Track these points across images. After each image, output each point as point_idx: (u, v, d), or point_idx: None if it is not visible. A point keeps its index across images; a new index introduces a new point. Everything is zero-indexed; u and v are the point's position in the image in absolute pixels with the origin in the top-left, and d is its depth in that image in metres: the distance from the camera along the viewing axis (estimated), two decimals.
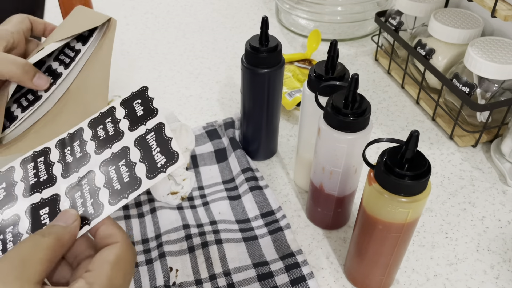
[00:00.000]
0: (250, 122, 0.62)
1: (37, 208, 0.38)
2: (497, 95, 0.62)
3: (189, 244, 0.53)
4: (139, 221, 0.56)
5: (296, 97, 0.70)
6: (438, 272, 0.52)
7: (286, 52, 0.86)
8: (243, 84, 0.59)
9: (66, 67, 0.49)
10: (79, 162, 0.40)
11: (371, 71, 0.82)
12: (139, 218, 0.57)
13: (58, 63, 0.50)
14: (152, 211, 0.57)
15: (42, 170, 0.41)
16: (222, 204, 0.58)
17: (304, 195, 0.60)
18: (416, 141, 0.38)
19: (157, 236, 0.54)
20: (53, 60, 0.50)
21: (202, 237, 0.53)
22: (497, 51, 0.61)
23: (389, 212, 0.40)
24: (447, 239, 0.55)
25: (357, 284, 0.50)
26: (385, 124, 0.71)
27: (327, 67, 0.51)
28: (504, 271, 0.52)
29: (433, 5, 0.72)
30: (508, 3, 0.58)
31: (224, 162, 0.63)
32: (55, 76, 0.49)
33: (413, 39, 0.73)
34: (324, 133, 0.47)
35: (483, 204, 0.59)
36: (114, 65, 0.82)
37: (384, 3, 0.91)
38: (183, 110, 0.73)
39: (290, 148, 0.67)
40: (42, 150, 0.42)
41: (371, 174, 0.41)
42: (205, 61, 0.84)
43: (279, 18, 0.95)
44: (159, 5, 1.00)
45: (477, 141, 0.67)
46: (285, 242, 0.53)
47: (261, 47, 0.54)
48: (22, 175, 0.40)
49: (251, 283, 0.49)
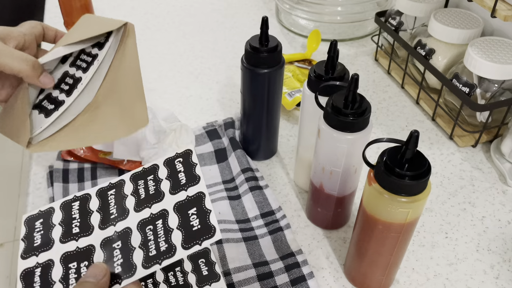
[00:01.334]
0: (250, 122, 0.62)
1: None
2: (497, 95, 0.62)
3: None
4: None
5: (296, 97, 0.70)
6: (438, 272, 0.52)
7: (286, 52, 0.86)
8: (243, 84, 0.59)
9: (85, 71, 0.50)
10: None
11: (371, 71, 0.82)
12: None
13: (75, 68, 0.50)
14: None
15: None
16: (222, 204, 0.58)
17: (304, 195, 0.60)
18: (416, 141, 0.38)
19: None
20: (70, 66, 0.51)
21: None
22: (497, 51, 0.61)
23: (389, 212, 0.40)
24: (447, 239, 0.55)
25: (357, 284, 0.50)
26: (385, 124, 0.71)
27: (327, 67, 0.51)
28: (504, 271, 0.52)
29: (433, 5, 0.72)
30: (508, 3, 0.58)
31: (224, 162, 0.64)
32: (75, 81, 0.50)
33: (413, 39, 0.73)
34: (324, 133, 0.47)
35: (483, 204, 0.59)
36: None
37: (384, 3, 0.91)
38: (183, 110, 0.73)
39: (290, 148, 0.67)
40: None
41: (371, 174, 0.41)
42: (205, 61, 0.84)
43: (279, 18, 0.95)
44: (159, 5, 1.00)
45: (477, 141, 0.67)
46: (285, 242, 0.53)
47: (261, 47, 0.54)
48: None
49: (251, 283, 0.49)
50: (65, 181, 0.60)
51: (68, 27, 0.70)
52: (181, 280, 0.44)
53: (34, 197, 0.59)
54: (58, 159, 0.62)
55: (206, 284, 0.44)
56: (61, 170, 0.61)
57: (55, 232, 0.41)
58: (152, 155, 0.60)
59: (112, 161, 0.62)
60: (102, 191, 0.43)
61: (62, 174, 0.61)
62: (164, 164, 0.42)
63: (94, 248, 0.39)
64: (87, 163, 0.62)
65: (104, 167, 0.62)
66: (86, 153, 0.63)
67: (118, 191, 0.42)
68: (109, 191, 0.42)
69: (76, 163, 0.62)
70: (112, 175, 0.61)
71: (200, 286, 0.44)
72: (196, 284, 0.44)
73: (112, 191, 0.42)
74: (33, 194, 0.60)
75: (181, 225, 0.38)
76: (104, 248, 0.39)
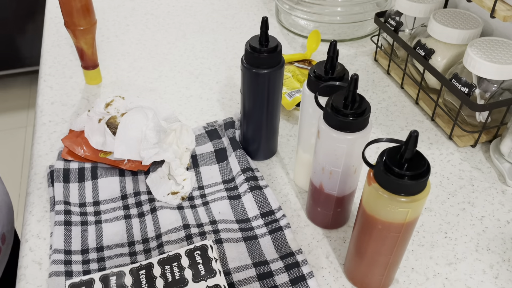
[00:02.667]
0: (250, 122, 0.62)
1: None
2: (496, 95, 0.62)
3: (189, 244, 0.53)
4: (139, 221, 0.57)
5: (296, 97, 0.70)
6: (438, 272, 0.52)
7: (286, 52, 0.86)
8: (243, 85, 0.59)
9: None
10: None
11: (370, 71, 0.82)
12: (139, 217, 0.57)
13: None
14: (153, 211, 0.57)
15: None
16: (222, 204, 0.58)
17: (303, 195, 0.61)
18: (415, 141, 0.38)
19: (157, 236, 0.54)
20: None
21: (202, 237, 0.54)
22: (496, 52, 0.61)
23: (389, 212, 0.41)
24: (447, 239, 0.55)
25: (357, 283, 0.50)
26: (384, 124, 0.71)
27: (326, 68, 0.51)
28: (503, 271, 0.52)
29: (433, 5, 0.72)
30: (507, 3, 0.58)
31: (224, 162, 0.64)
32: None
33: (413, 40, 0.73)
34: (324, 133, 0.47)
35: (482, 204, 0.59)
36: (115, 66, 0.82)
37: (384, 4, 0.91)
38: (184, 110, 0.73)
39: (290, 148, 0.67)
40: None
41: (371, 174, 0.41)
42: (205, 61, 0.84)
43: (279, 18, 0.96)
44: (159, 6, 1.00)
45: (476, 141, 0.67)
46: (285, 242, 0.53)
47: (261, 48, 0.55)
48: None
49: (251, 282, 0.50)
50: (66, 181, 0.60)
51: (69, 28, 0.70)
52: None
53: (34, 197, 0.59)
54: (58, 159, 0.63)
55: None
56: (61, 170, 0.61)
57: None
58: (153, 155, 0.60)
59: (112, 161, 0.62)
60: (133, 270, 0.49)
61: (62, 173, 0.61)
62: (185, 254, 0.50)
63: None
64: (87, 163, 0.63)
65: (105, 167, 0.62)
66: (87, 152, 0.63)
67: (148, 272, 0.49)
68: (140, 270, 0.49)
69: (77, 163, 0.62)
70: (113, 175, 0.61)
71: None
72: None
73: (143, 271, 0.49)
74: (34, 194, 0.60)
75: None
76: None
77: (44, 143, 0.67)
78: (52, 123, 0.70)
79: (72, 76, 0.80)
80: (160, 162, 0.61)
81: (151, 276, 0.49)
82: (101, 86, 0.78)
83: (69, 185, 0.60)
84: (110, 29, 0.92)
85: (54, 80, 0.79)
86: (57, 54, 0.85)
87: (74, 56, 0.84)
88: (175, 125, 0.64)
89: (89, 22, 0.71)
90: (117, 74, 0.80)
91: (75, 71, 0.81)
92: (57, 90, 0.77)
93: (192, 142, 0.63)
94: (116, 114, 0.65)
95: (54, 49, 0.86)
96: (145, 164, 0.61)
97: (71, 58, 0.84)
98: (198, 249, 0.51)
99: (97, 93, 0.76)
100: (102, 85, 0.78)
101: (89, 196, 0.59)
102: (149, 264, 0.49)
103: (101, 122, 0.65)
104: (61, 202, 0.57)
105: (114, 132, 0.62)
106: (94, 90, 0.77)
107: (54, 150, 0.66)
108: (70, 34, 0.72)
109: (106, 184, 0.60)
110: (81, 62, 0.76)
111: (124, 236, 0.55)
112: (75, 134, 0.66)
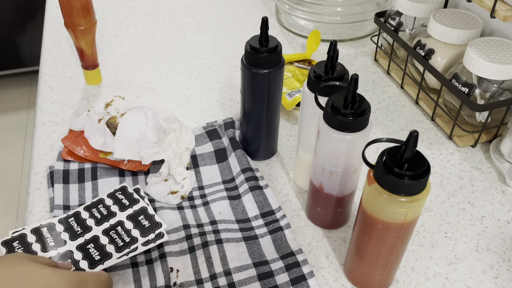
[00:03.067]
0: (250, 122, 0.62)
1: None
2: (496, 95, 0.62)
3: (189, 244, 0.53)
4: None
5: (296, 97, 0.70)
6: (438, 272, 0.52)
7: (286, 52, 0.86)
8: (243, 85, 0.59)
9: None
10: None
11: (370, 71, 0.82)
12: None
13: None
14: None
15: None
16: (222, 204, 0.58)
17: (304, 195, 0.61)
18: (415, 141, 0.38)
19: None
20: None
21: (203, 237, 0.54)
22: (496, 52, 0.61)
23: (389, 212, 0.41)
24: (447, 239, 0.55)
25: (357, 283, 0.50)
26: (384, 124, 0.71)
27: (326, 68, 0.51)
28: (503, 271, 0.52)
29: (433, 5, 0.72)
30: (507, 3, 0.58)
31: (224, 162, 0.64)
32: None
33: (413, 40, 0.73)
34: (324, 133, 0.47)
35: (482, 204, 0.59)
36: (115, 66, 0.82)
37: (384, 4, 0.91)
38: (184, 110, 0.73)
39: (290, 148, 0.67)
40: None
41: (371, 174, 0.41)
42: (205, 61, 0.84)
43: (279, 18, 0.95)
44: (159, 6, 1.00)
45: (476, 141, 0.67)
46: (285, 242, 0.53)
47: (261, 48, 0.55)
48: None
49: (251, 282, 0.50)
50: (66, 181, 0.60)
51: (69, 28, 0.70)
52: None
53: (34, 197, 0.59)
54: (58, 160, 0.63)
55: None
56: (61, 171, 0.61)
57: (35, 247, 0.52)
58: (152, 154, 0.60)
59: (112, 161, 0.62)
60: (62, 220, 0.55)
61: (62, 175, 0.61)
62: (108, 197, 0.57)
63: (71, 252, 0.52)
64: (87, 163, 0.63)
65: (105, 167, 0.62)
66: (86, 153, 0.63)
67: (77, 218, 0.55)
68: (68, 219, 0.55)
69: (77, 163, 0.62)
70: (113, 175, 0.61)
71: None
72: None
73: (71, 219, 0.55)
74: (34, 194, 0.60)
75: (135, 226, 0.54)
76: (79, 250, 0.52)
77: (44, 143, 0.67)
78: (52, 123, 0.70)
79: (72, 76, 0.80)
80: (160, 162, 0.61)
81: (80, 219, 0.55)
82: (101, 86, 0.78)
83: (69, 186, 0.60)
84: (110, 29, 0.92)
85: (54, 80, 0.79)
86: (57, 54, 0.85)
87: (74, 56, 0.84)
88: (175, 125, 0.64)
89: (89, 22, 0.71)
90: (117, 74, 0.80)
91: (75, 71, 0.81)
92: (57, 90, 0.77)
93: (191, 141, 0.63)
94: (116, 114, 0.65)
95: (54, 49, 0.86)
96: (145, 164, 0.61)
97: (71, 58, 0.84)
98: (118, 190, 0.58)
99: (97, 93, 0.76)
100: (102, 85, 0.78)
101: (89, 197, 0.59)
102: (76, 212, 0.55)
103: (101, 122, 0.65)
104: (60, 207, 0.57)
105: (114, 132, 0.62)
106: (94, 90, 0.77)
107: (54, 150, 0.65)
108: (70, 34, 0.72)
109: (106, 185, 0.60)
110: (81, 62, 0.76)
111: None
112: (75, 134, 0.66)
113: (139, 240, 0.52)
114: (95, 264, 0.50)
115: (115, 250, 0.51)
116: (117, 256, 0.51)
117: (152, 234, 0.53)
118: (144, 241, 0.52)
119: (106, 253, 0.51)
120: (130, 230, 0.53)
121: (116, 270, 0.51)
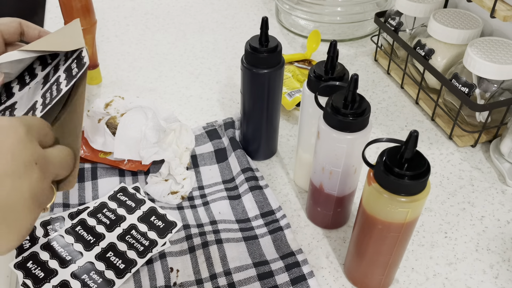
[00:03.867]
0: (250, 122, 0.62)
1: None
2: (496, 95, 0.62)
3: (189, 244, 0.53)
4: None
5: (296, 97, 0.70)
6: (438, 272, 0.52)
7: (286, 52, 0.86)
8: (243, 84, 0.59)
9: (20, 89, 0.47)
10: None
11: (370, 71, 0.82)
12: None
13: (17, 81, 0.48)
14: None
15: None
16: (222, 204, 0.58)
17: (304, 195, 0.61)
18: (415, 141, 0.38)
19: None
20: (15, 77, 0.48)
21: (203, 237, 0.54)
22: (496, 52, 0.61)
23: (389, 211, 0.41)
24: (447, 239, 0.55)
25: (357, 283, 0.50)
26: (384, 124, 0.71)
27: (326, 68, 0.51)
28: (503, 271, 0.52)
29: (433, 5, 0.72)
30: (507, 3, 0.58)
31: (224, 162, 0.64)
32: (9, 94, 0.47)
33: (413, 40, 0.73)
34: (324, 133, 0.47)
35: (482, 204, 0.59)
36: (114, 66, 0.82)
37: (384, 4, 0.91)
38: (184, 110, 0.73)
39: (290, 148, 0.67)
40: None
41: (371, 174, 0.41)
42: (205, 61, 0.84)
43: (279, 18, 0.95)
44: (159, 5, 1.00)
45: (476, 141, 0.67)
46: (285, 242, 0.53)
47: (261, 48, 0.55)
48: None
49: (251, 282, 0.50)
50: None
51: None
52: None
53: None
54: None
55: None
56: None
57: (52, 264, 0.50)
58: (152, 154, 0.60)
59: (112, 161, 0.62)
60: (68, 230, 0.53)
61: None
62: (109, 199, 0.57)
63: (92, 263, 0.50)
64: (87, 163, 0.63)
65: (104, 167, 0.62)
66: (86, 153, 0.63)
67: (84, 226, 0.54)
68: (75, 228, 0.54)
69: None
70: (113, 175, 0.61)
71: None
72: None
73: (78, 227, 0.54)
74: None
75: (150, 228, 0.54)
76: (100, 260, 0.51)
77: None
78: None
79: None
80: (160, 162, 0.61)
81: (88, 227, 0.54)
82: (101, 86, 0.78)
83: None
84: (110, 29, 0.92)
85: None
86: None
87: None
88: (175, 125, 0.64)
89: (89, 22, 0.71)
90: (117, 74, 0.80)
91: None
92: None
93: (191, 141, 0.63)
94: (116, 114, 0.65)
95: None
96: (145, 164, 0.61)
97: None
98: (118, 191, 0.58)
99: (97, 93, 0.76)
100: (102, 85, 0.78)
101: (89, 197, 0.59)
102: (81, 220, 0.54)
103: (101, 122, 0.65)
104: (60, 205, 0.57)
105: (114, 132, 0.62)
106: (94, 90, 0.77)
107: None
108: None
109: (106, 185, 0.60)
110: None
111: None
112: None
113: (159, 242, 0.52)
114: (121, 273, 0.50)
115: (138, 256, 0.51)
116: (142, 263, 0.50)
117: (170, 234, 0.53)
118: (164, 242, 0.53)
119: (130, 261, 0.51)
120: (145, 232, 0.53)
121: None
